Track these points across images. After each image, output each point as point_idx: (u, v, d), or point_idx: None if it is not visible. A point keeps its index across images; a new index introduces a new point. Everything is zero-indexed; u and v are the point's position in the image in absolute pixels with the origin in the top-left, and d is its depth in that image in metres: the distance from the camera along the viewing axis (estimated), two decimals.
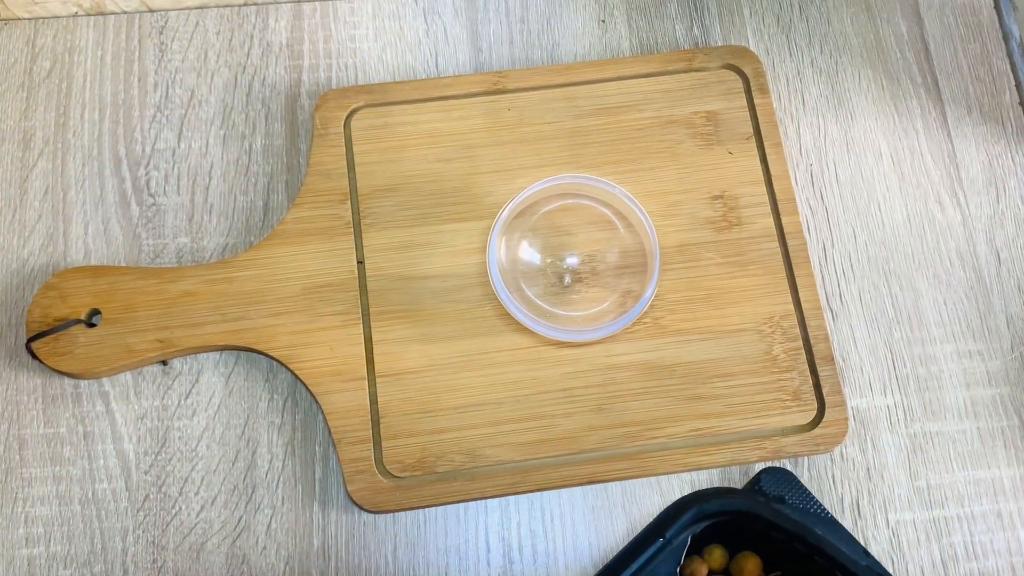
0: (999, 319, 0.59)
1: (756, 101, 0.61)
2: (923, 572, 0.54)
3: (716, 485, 0.55)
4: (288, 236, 0.57)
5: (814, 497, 0.52)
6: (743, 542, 0.51)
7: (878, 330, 0.58)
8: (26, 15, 0.63)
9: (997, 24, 0.65)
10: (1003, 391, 0.57)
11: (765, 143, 0.60)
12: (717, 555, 0.51)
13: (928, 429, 0.57)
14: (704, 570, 0.51)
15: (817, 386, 0.55)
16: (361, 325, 0.56)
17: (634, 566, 0.48)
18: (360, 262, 0.57)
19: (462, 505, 0.54)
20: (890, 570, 0.54)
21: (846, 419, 0.55)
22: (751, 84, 0.61)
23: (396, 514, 0.54)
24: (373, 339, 0.55)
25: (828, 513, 0.52)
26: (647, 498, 0.55)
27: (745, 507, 0.49)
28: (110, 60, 0.63)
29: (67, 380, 0.56)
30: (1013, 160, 0.62)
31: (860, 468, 0.56)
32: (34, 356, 0.54)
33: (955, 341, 0.58)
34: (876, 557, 0.54)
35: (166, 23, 0.64)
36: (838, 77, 0.64)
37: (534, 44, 0.64)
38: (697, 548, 0.51)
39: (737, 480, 0.55)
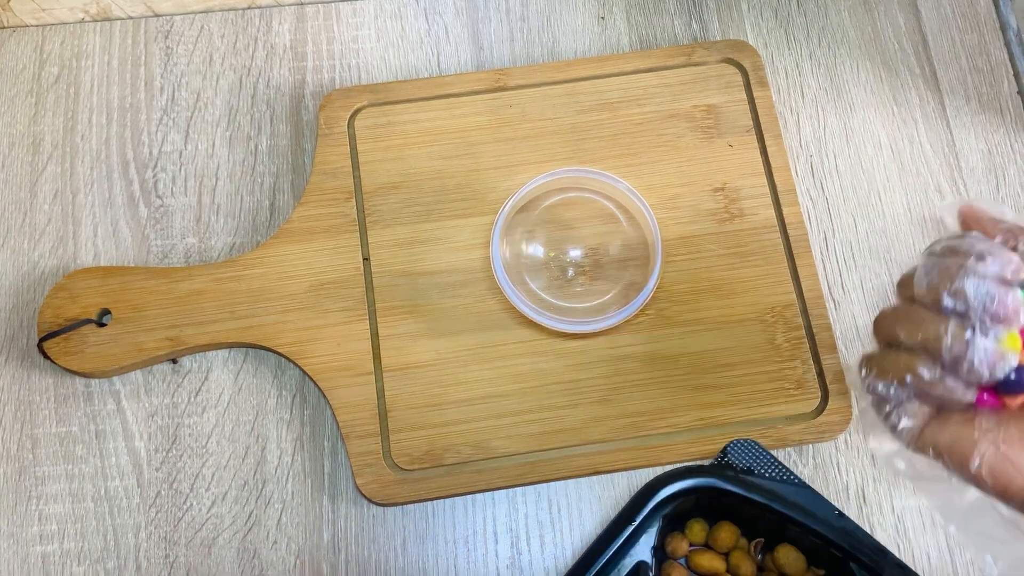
0: None
1: (755, 94, 0.61)
2: (929, 558, 0.54)
3: None
4: (294, 234, 0.58)
5: (782, 464, 0.52)
6: (722, 514, 0.52)
7: None
8: (34, 22, 0.64)
9: (994, 14, 0.66)
10: None
11: (765, 135, 0.61)
12: (697, 529, 0.52)
13: None
14: (685, 545, 0.52)
15: (820, 375, 0.56)
16: (368, 321, 0.56)
17: (608, 552, 0.48)
18: (366, 259, 0.58)
19: (470, 497, 0.55)
20: (897, 556, 0.54)
21: (850, 407, 0.55)
22: (750, 77, 0.62)
23: (405, 507, 0.55)
24: (380, 334, 0.56)
25: (797, 478, 0.52)
26: None
27: (710, 483, 0.50)
28: (117, 65, 0.64)
29: (79, 379, 0.57)
30: (1012, 148, 0.63)
31: (864, 455, 0.56)
32: (46, 356, 0.55)
33: None
34: (882, 543, 0.54)
35: (171, 27, 0.65)
36: (836, 69, 0.64)
37: (534, 42, 0.65)
38: (679, 524, 0.52)
39: None
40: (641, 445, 0.54)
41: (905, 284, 0.36)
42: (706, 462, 0.56)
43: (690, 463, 0.54)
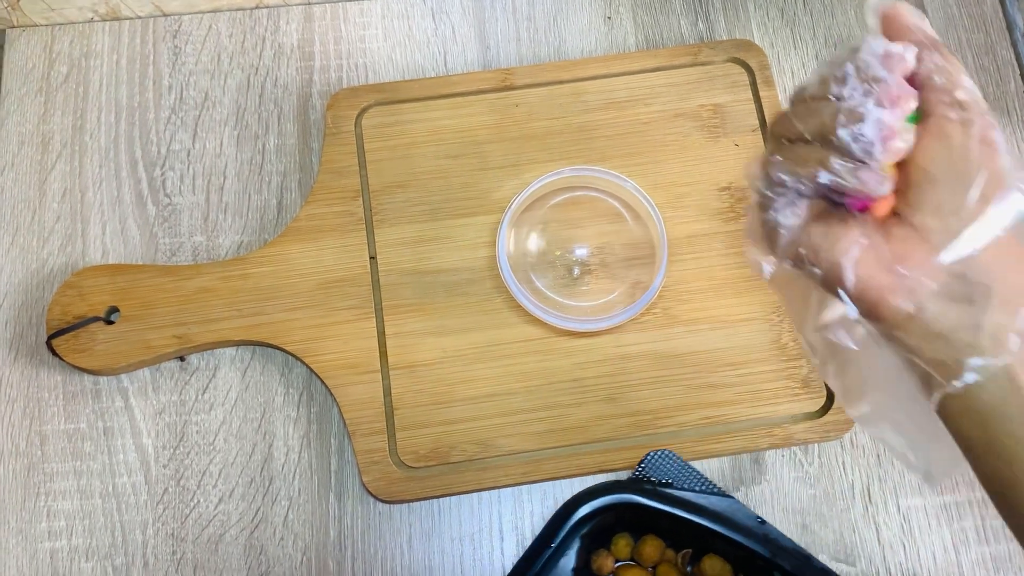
0: None
1: (761, 93, 0.62)
2: (935, 557, 0.54)
3: (724, 471, 0.55)
4: (302, 233, 0.58)
5: (700, 474, 0.51)
6: (647, 527, 0.51)
7: None
8: (43, 22, 0.65)
9: (1001, 14, 0.66)
10: None
11: None
12: (622, 545, 0.51)
13: None
14: (610, 562, 0.51)
15: None
16: (374, 319, 0.56)
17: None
18: (372, 257, 0.58)
19: (476, 494, 0.55)
20: (902, 556, 0.54)
21: None
22: (756, 77, 0.62)
23: (411, 504, 0.55)
24: (386, 332, 0.56)
25: (717, 488, 0.51)
26: None
27: (628, 499, 0.49)
28: (125, 64, 0.64)
29: (87, 377, 0.57)
30: (1019, 148, 0.63)
31: (870, 454, 0.56)
32: (54, 353, 0.55)
33: None
34: (887, 542, 0.54)
35: (179, 27, 0.65)
36: None
37: (541, 41, 0.65)
38: (604, 540, 0.51)
39: (748, 467, 0.56)
40: (647, 443, 0.54)
41: (798, 89, 0.36)
42: (708, 462, 0.56)
43: (611, 474, 0.53)
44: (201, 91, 0.63)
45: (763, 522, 0.49)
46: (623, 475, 0.55)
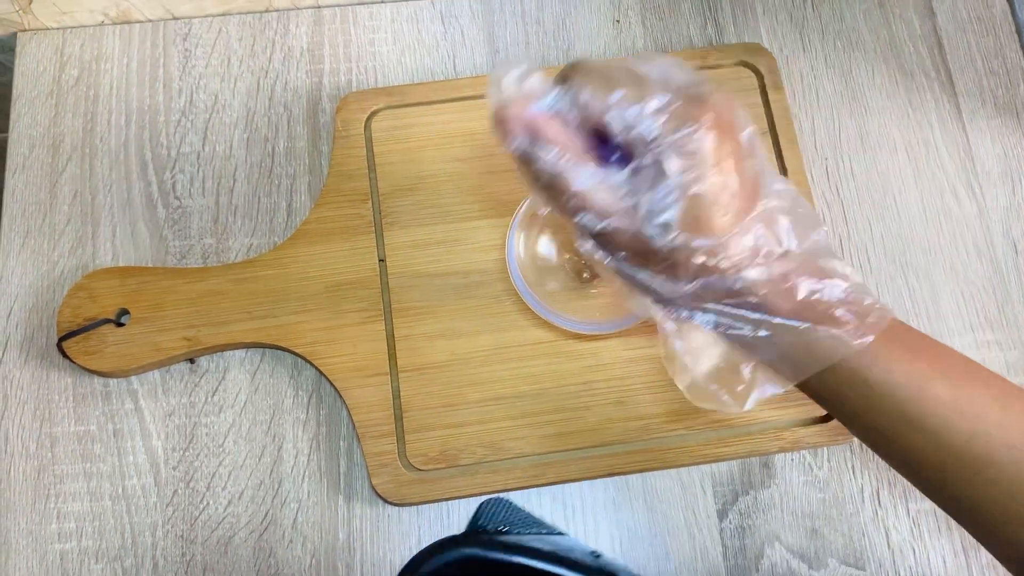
0: (1017, 309, 0.59)
1: (771, 97, 0.62)
2: (944, 562, 0.54)
3: (733, 475, 0.55)
4: (311, 236, 0.58)
5: (532, 516, 0.48)
6: None
7: None
8: (54, 25, 0.65)
9: (1010, 17, 0.66)
10: (1022, 381, 0.57)
11: (780, 139, 0.61)
12: None
13: None
14: None
15: None
16: (383, 321, 0.56)
17: None
18: (382, 260, 0.58)
19: (485, 497, 0.55)
20: (912, 560, 0.54)
21: None
22: (765, 81, 0.62)
23: (420, 507, 0.55)
24: (395, 335, 0.56)
25: (549, 527, 0.49)
26: (668, 490, 0.55)
27: (467, 554, 0.47)
28: (136, 67, 0.64)
29: (97, 379, 0.57)
30: None
31: (880, 458, 0.56)
32: (65, 355, 0.55)
33: (973, 332, 0.59)
34: (897, 547, 0.54)
35: (190, 30, 0.65)
36: (852, 73, 0.64)
37: (550, 45, 0.65)
38: None
39: (757, 471, 0.56)
40: (656, 447, 0.54)
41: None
42: (721, 464, 0.56)
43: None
44: (211, 94, 0.64)
45: (598, 555, 0.48)
46: (633, 479, 0.55)
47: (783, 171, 0.60)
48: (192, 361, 0.58)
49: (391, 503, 0.54)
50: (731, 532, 0.55)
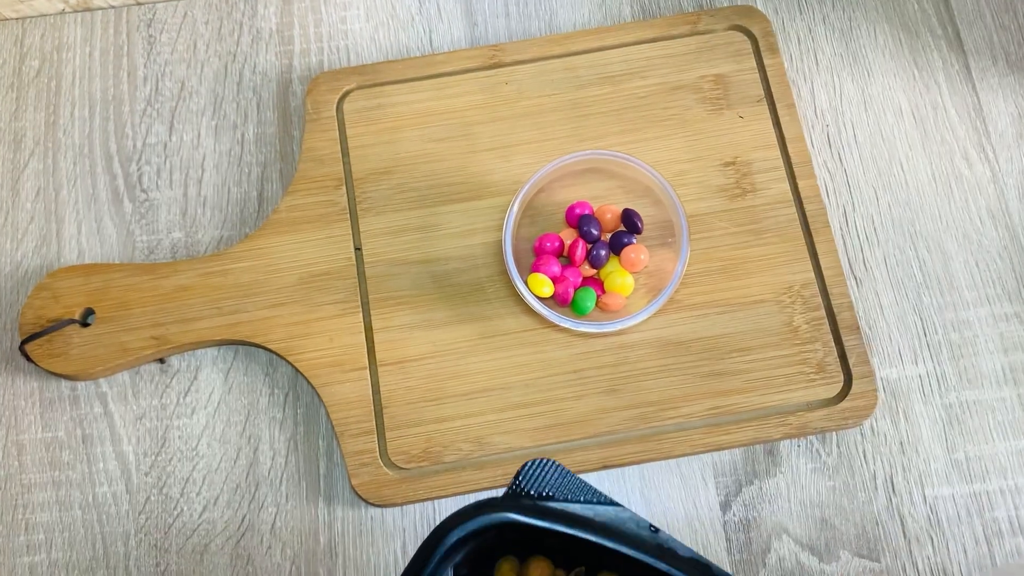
0: None
1: (766, 62, 0.58)
2: (965, 550, 0.51)
3: (736, 465, 0.52)
4: (283, 225, 0.55)
5: (584, 483, 0.44)
6: (533, 547, 0.45)
7: (906, 296, 0.55)
8: (13, 15, 0.62)
9: None
10: None
11: (777, 105, 0.57)
12: (506, 570, 0.45)
13: (964, 398, 0.53)
14: None
15: (843, 357, 0.52)
16: (361, 313, 0.53)
17: None
18: (358, 248, 0.55)
19: (472, 496, 0.52)
20: (930, 550, 0.50)
21: (875, 391, 0.52)
22: (760, 45, 0.58)
23: (404, 507, 0.52)
24: (373, 327, 0.53)
25: (604, 497, 0.45)
26: (666, 482, 0.52)
27: (504, 519, 0.42)
28: (99, 56, 0.61)
29: (64, 382, 0.55)
30: None
31: (892, 442, 0.52)
32: (28, 358, 0.53)
33: (990, 304, 0.55)
34: (913, 536, 0.51)
35: (154, 15, 0.62)
36: (852, 33, 0.61)
37: (531, 15, 0.62)
38: (488, 566, 0.45)
39: (761, 459, 0.52)
40: (652, 436, 0.51)
41: None
42: (724, 454, 0.52)
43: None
44: (177, 81, 0.61)
45: (656, 531, 0.44)
46: (630, 471, 0.52)
47: (780, 140, 0.56)
48: (162, 361, 0.55)
49: (373, 504, 0.51)
50: (735, 525, 0.51)
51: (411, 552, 0.51)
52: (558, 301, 0.52)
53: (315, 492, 0.52)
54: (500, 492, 0.52)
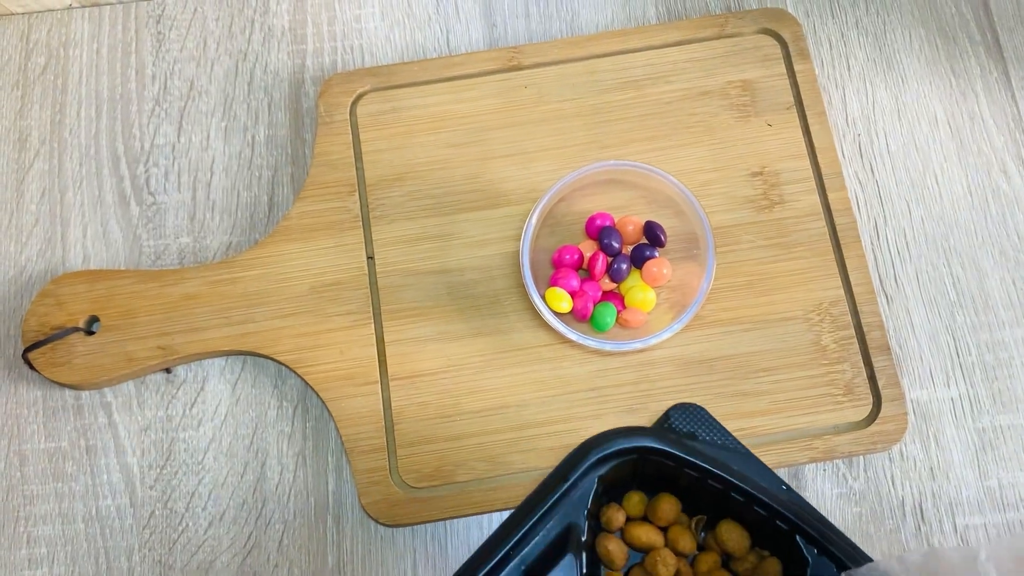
0: None
1: (796, 67, 0.56)
2: None
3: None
4: (293, 232, 0.54)
5: (727, 431, 0.46)
6: (663, 486, 0.46)
7: (938, 315, 0.53)
8: (20, 9, 0.60)
9: None
10: None
11: (807, 113, 0.55)
12: (635, 501, 0.46)
13: (998, 423, 0.51)
14: (621, 517, 0.45)
15: (872, 378, 0.50)
16: (372, 325, 0.52)
17: (538, 512, 0.42)
18: (370, 257, 0.53)
19: (485, 516, 0.50)
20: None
21: (905, 414, 0.50)
22: (790, 49, 0.56)
23: (414, 527, 0.50)
24: (385, 339, 0.52)
25: (743, 447, 0.46)
26: None
27: (650, 443, 0.44)
28: (106, 53, 0.60)
29: (68, 392, 0.53)
30: None
31: (923, 467, 0.51)
32: (31, 367, 0.51)
33: None
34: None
35: (163, 11, 0.60)
36: (886, 38, 0.58)
37: (552, 16, 0.59)
38: (616, 495, 0.46)
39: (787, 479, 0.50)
40: None
41: None
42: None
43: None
44: (186, 80, 0.59)
45: (789, 489, 0.44)
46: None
47: (810, 149, 0.54)
48: (168, 371, 0.53)
49: (383, 524, 0.50)
50: None
51: (422, 574, 0.50)
52: (576, 316, 0.51)
53: (323, 510, 0.51)
54: None
